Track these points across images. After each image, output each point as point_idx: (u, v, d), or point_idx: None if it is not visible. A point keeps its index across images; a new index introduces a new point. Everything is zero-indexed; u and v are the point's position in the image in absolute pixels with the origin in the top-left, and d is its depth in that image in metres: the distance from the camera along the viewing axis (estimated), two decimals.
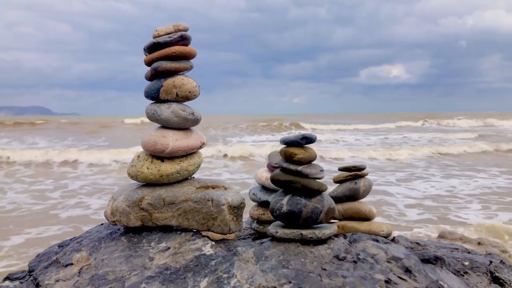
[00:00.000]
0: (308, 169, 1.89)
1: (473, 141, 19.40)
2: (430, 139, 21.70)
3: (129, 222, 1.95)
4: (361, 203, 2.25)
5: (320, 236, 1.85)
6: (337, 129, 30.87)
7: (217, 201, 1.91)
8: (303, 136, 1.89)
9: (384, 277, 1.63)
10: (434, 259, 1.87)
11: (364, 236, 1.98)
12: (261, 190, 2.32)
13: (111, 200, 2.02)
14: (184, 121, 1.98)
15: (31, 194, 8.17)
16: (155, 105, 1.99)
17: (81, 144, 18.67)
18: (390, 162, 13.26)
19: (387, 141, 21.12)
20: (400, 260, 1.75)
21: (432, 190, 8.41)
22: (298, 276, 1.63)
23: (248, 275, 1.66)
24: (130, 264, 1.79)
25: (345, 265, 1.71)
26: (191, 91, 1.98)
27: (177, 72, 1.98)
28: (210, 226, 1.94)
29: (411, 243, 2.10)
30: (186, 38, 1.98)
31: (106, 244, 1.96)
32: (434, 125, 37.00)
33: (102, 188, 8.82)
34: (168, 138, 1.95)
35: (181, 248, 1.84)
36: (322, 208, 1.87)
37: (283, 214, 1.88)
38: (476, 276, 1.97)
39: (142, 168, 1.97)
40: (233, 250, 1.82)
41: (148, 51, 2.00)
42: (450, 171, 11.11)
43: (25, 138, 21.81)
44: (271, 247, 1.84)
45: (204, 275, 1.68)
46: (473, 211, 6.72)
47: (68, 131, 26.87)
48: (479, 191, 8.16)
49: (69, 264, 1.87)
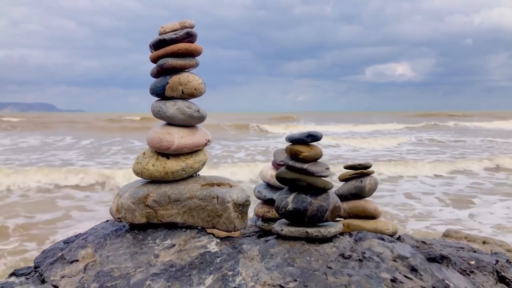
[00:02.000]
0: (314, 167, 1.88)
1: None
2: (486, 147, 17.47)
3: (134, 219, 1.96)
4: (367, 201, 2.24)
5: (326, 234, 1.84)
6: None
7: (222, 199, 1.91)
8: (309, 134, 1.88)
9: (390, 276, 1.63)
10: (440, 258, 1.87)
11: (369, 234, 1.97)
12: (266, 187, 2.31)
13: (116, 196, 2.02)
14: (190, 118, 1.97)
15: None
16: (160, 102, 1.99)
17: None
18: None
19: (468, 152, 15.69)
20: (406, 259, 1.74)
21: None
22: (304, 274, 1.63)
23: (253, 273, 1.66)
24: (135, 261, 1.79)
25: (350, 263, 1.70)
26: (196, 88, 1.97)
27: (183, 69, 1.98)
28: (215, 224, 1.93)
29: (416, 242, 2.09)
30: (192, 35, 1.97)
31: (112, 240, 1.96)
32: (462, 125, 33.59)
33: None
34: (173, 135, 1.95)
35: (186, 245, 1.84)
36: (328, 206, 1.87)
37: (289, 212, 1.88)
38: (482, 275, 1.96)
39: (147, 165, 1.97)
40: (238, 248, 1.82)
41: (154, 48, 2.00)
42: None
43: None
44: (276, 245, 1.84)
45: (209, 273, 1.68)
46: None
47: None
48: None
49: (75, 261, 1.88)
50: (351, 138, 20.61)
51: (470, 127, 31.91)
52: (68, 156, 14.13)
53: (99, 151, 15.44)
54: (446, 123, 34.58)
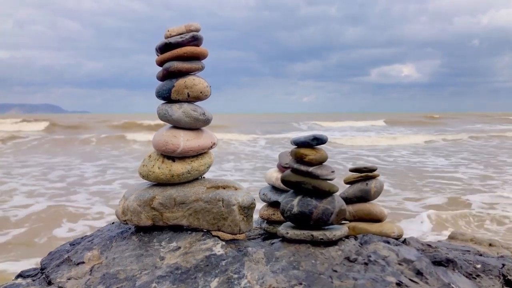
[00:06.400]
0: (319, 170, 1.88)
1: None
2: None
3: (140, 221, 1.96)
4: (372, 204, 2.23)
5: (331, 237, 1.84)
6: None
7: (228, 201, 1.91)
8: (314, 137, 1.88)
9: (396, 280, 1.62)
10: (446, 262, 1.86)
11: (375, 237, 1.97)
12: (271, 190, 2.32)
13: (122, 199, 2.03)
14: (195, 121, 1.98)
15: None
16: (166, 105, 2.00)
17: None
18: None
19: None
20: (412, 263, 1.74)
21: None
22: (309, 278, 1.63)
23: (258, 276, 1.66)
24: (141, 263, 1.80)
25: (356, 267, 1.70)
26: (202, 92, 1.98)
27: (189, 72, 1.99)
28: (221, 226, 1.94)
29: (422, 245, 2.08)
30: (197, 38, 1.98)
31: (117, 243, 1.97)
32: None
33: None
34: (179, 138, 1.96)
35: (192, 248, 1.85)
36: (333, 209, 1.87)
37: (294, 215, 1.88)
38: (489, 279, 1.95)
39: (153, 168, 1.98)
40: (244, 251, 1.82)
41: (160, 51, 2.01)
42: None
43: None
44: (281, 248, 1.84)
45: (214, 275, 1.68)
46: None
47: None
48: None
49: (81, 263, 1.88)
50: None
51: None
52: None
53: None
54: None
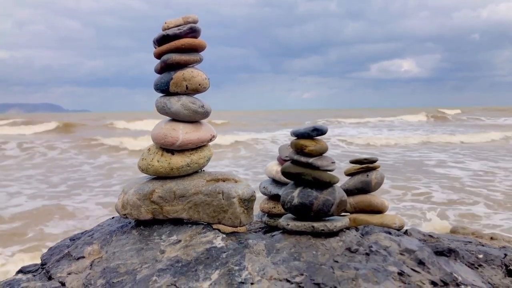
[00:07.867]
0: (319, 161, 1.87)
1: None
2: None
3: (140, 215, 1.95)
4: (373, 196, 2.22)
5: (332, 228, 1.83)
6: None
7: (228, 194, 1.90)
8: (314, 128, 1.87)
9: (397, 269, 1.61)
10: (448, 252, 1.85)
11: (376, 228, 1.96)
12: (271, 183, 2.30)
13: (122, 193, 2.02)
14: (194, 114, 1.97)
15: None
16: (165, 98, 1.99)
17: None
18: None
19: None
20: (414, 252, 1.73)
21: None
22: (310, 268, 1.62)
23: (259, 268, 1.65)
24: (141, 257, 1.79)
25: (357, 257, 1.69)
26: (201, 84, 1.97)
27: (187, 64, 1.97)
28: (221, 219, 1.93)
29: (424, 236, 2.07)
30: (195, 30, 1.96)
31: (117, 237, 1.96)
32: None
33: None
34: (178, 131, 1.95)
35: (192, 241, 1.84)
36: (334, 200, 1.85)
37: (294, 206, 1.87)
38: (491, 269, 1.94)
39: (152, 161, 1.97)
40: (244, 243, 1.81)
41: (157, 44, 1.99)
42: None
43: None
44: (282, 240, 1.83)
45: (215, 268, 1.68)
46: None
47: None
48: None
49: (81, 257, 1.88)
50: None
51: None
52: None
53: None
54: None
